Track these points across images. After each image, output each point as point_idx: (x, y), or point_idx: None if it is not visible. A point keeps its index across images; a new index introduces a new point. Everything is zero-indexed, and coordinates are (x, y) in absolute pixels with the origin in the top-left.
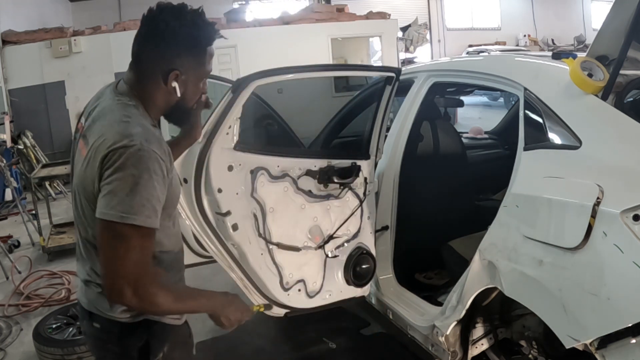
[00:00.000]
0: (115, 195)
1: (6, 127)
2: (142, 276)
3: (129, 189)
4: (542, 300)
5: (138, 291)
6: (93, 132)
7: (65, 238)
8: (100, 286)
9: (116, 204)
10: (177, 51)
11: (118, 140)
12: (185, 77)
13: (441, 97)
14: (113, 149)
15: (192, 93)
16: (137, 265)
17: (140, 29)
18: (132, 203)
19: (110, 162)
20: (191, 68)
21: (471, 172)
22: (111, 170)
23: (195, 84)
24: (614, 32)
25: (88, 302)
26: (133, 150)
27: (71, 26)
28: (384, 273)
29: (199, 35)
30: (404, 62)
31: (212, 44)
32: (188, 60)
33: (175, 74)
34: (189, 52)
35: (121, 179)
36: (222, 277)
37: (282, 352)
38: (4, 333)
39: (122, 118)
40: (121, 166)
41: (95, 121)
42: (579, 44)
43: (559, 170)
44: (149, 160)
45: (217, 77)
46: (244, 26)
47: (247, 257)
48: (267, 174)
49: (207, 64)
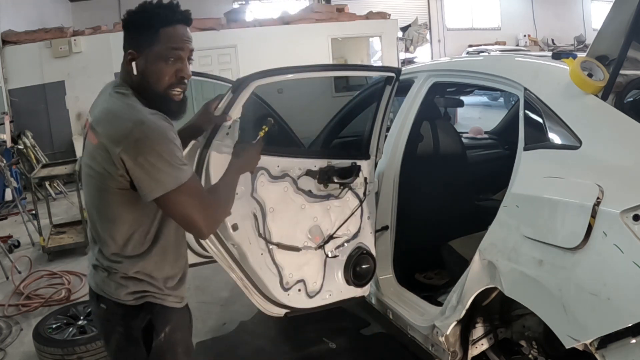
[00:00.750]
0: (162, 171)
1: (6, 127)
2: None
3: (167, 161)
4: (542, 300)
5: (213, 221)
6: (101, 122)
7: (65, 238)
8: (106, 270)
9: (167, 176)
10: (132, 35)
11: (132, 128)
12: (142, 57)
13: (441, 97)
14: (133, 137)
15: (154, 73)
16: (204, 206)
17: None
18: (175, 168)
19: (138, 150)
20: (145, 47)
21: (471, 172)
22: (144, 156)
23: (153, 63)
24: (614, 32)
25: (96, 285)
26: (150, 132)
27: (71, 26)
28: (384, 273)
29: (148, 17)
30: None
31: (167, 25)
32: (141, 41)
33: (130, 54)
34: (140, 33)
35: (158, 158)
36: (222, 277)
37: (282, 352)
38: (4, 333)
39: (124, 106)
40: (151, 149)
41: (101, 112)
42: (579, 44)
43: (559, 170)
44: (166, 132)
45: (217, 77)
46: (244, 26)
47: (247, 257)
48: (267, 174)
49: (162, 44)
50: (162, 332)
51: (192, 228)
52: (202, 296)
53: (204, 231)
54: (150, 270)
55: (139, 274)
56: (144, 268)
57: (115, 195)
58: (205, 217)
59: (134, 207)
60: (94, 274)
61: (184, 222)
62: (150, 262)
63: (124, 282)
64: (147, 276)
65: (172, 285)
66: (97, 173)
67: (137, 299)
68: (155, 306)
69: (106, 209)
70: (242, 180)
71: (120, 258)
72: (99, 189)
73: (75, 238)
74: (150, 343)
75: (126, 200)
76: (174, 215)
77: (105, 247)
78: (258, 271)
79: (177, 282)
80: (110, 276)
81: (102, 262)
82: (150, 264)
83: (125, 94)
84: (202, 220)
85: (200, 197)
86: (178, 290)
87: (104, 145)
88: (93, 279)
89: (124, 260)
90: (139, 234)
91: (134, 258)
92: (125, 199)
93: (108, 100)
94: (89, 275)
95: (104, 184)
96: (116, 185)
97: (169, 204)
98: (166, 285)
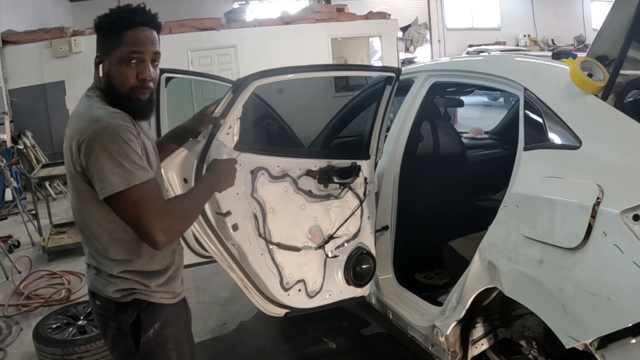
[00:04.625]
0: (110, 171)
1: (6, 127)
2: (163, 219)
3: (117, 161)
4: (542, 300)
5: (167, 231)
6: (68, 126)
7: (65, 238)
8: (96, 269)
9: (116, 176)
10: (99, 38)
11: (88, 126)
12: (108, 60)
13: (441, 97)
14: (87, 136)
15: (117, 76)
16: (157, 213)
17: None
18: (127, 169)
19: (89, 148)
20: (109, 50)
21: (471, 172)
22: (95, 154)
23: (116, 66)
24: (614, 32)
25: (90, 282)
26: (103, 130)
27: (71, 26)
28: (384, 273)
29: (112, 20)
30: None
31: (130, 28)
32: (106, 45)
33: (97, 58)
34: (105, 37)
35: (107, 157)
36: (222, 277)
37: (282, 352)
38: (4, 333)
39: (86, 108)
40: (102, 147)
41: (70, 115)
42: (579, 44)
43: (559, 170)
44: (120, 132)
45: (217, 77)
46: (244, 26)
47: (247, 257)
48: (267, 174)
49: (124, 47)
50: (151, 329)
51: (143, 235)
52: (202, 296)
53: (157, 240)
54: (136, 268)
55: (124, 273)
56: (129, 266)
57: (87, 196)
58: (158, 225)
59: (104, 206)
60: (87, 271)
61: (135, 228)
62: (136, 260)
63: (111, 280)
64: (133, 274)
65: (162, 282)
66: (69, 173)
67: (125, 296)
68: (143, 302)
69: (84, 210)
70: (242, 180)
71: (105, 258)
72: (76, 190)
73: (75, 238)
74: (136, 339)
75: (94, 200)
76: (125, 219)
77: (90, 246)
78: (258, 271)
79: (167, 278)
80: (99, 274)
81: (91, 260)
82: (135, 262)
83: (90, 96)
84: (154, 228)
85: (154, 203)
86: (169, 286)
87: (69, 145)
88: (87, 277)
89: (108, 260)
90: (120, 232)
91: (119, 257)
92: (93, 198)
93: (79, 103)
94: (86, 273)
95: (77, 185)
96: (83, 185)
97: (118, 205)
98: (154, 283)
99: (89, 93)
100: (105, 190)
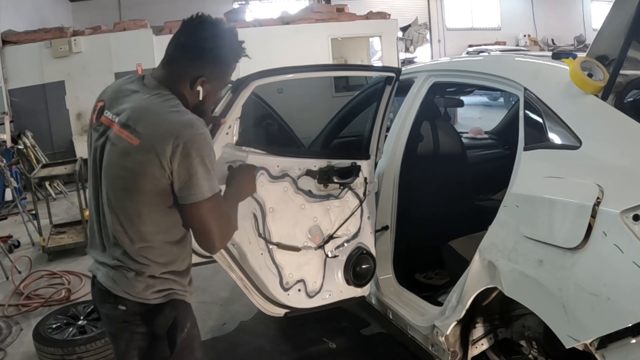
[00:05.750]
0: (203, 178)
1: (6, 127)
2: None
3: (206, 168)
4: (542, 300)
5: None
6: (142, 122)
7: (65, 238)
8: (135, 271)
9: (206, 183)
10: (207, 62)
11: (181, 130)
12: (209, 85)
13: (441, 97)
14: (184, 140)
15: (212, 99)
16: (223, 221)
17: (179, 36)
18: (212, 177)
19: (186, 152)
20: (216, 78)
21: (471, 172)
22: (191, 159)
23: (216, 91)
24: (614, 32)
25: (115, 285)
26: (199, 136)
27: (71, 26)
28: (384, 273)
29: (228, 54)
30: (404, 62)
31: (238, 60)
32: (214, 72)
33: (201, 81)
34: (217, 65)
35: (201, 163)
36: (222, 277)
37: (282, 352)
38: (4, 333)
39: (170, 109)
40: (197, 153)
41: (138, 112)
42: (579, 44)
43: (559, 170)
44: (209, 138)
45: None
46: (244, 26)
47: (247, 257)
48: (267, 174)
49: (229, 76)
50: (185, 330)
51: (206, 240)
52: (202, 296)
53: (217, 245)
54: (174, 268)
55: (166, 273)
56: (171, 267)
57: (153, 198)
58: (221, 232)
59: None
60: (113, 274)
61: (202, 233)
62: (176, 261)
63: (151, 282)
64: (173, 274)
65: (189, 280)
66: (131, 173)
67: (164, 297)
68: (180, 303)
69: (140, 211)
70: None
71: (151, 259)
72: (128, 190)
73: (75, 238)
74: (172, 340)
75: (158, 202)
76: (196, 224)
77: (132, 248)
78: (258, 271)
79: (190, 276)
80: (139, 276)
81: (128, 262)
82: (175, 263)
83: (165, 96)
84: (218, 234)
85: (223, 211)
86: (191, 284)
87: (151, 145)
88: (111, 280)
89: (155, 262)
90: (173, 235)
91: (164, 259)
92: (158, 200)
93: (146, 100)
94: (103, 276)
95: (137, 185)
96: (153, 187)
97: (198, 212)
98: (185, 281)
99: (161, 92)
100: (194, 195)
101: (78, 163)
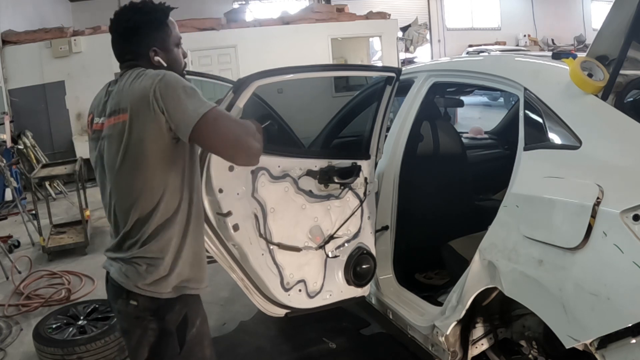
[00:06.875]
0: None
1: (6, 127)
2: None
3: (191, 94)
4: (542, 300)
5: (255, 136)
6: (123, 99)
7: (65, 238)
8: (146, 263)
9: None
10: (146, 33)
11: (153, 80)
12: (163, 51)
13: (441, 97)
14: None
15: (175, 59)
16: (238, 125)
17: (113, 32)
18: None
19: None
20: (163, 40)
21: (471, 172)
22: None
23: (172, 50)
24: (614, 32)
25: (128, 280)
26: (168, 76)
27: (71, 26)
28: (384, 273)
29: (156, 16)
30: (404, 62)
31: (169, 16)
32: (157, 36)
33: (154, 51)
34: (155, 29)
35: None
36: (222, 277)
37: (282, 352)
38: (4, 333)
39: (139, 74)
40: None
41: (118, 96)
42: (579, 44)
43: (559, 170)
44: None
45: (217, 77)
46: (244, 26)
47: (247, 258)
48: (267, 174)
49: (173, 32)
50: (195, 326)
51: (241, 148)
52: (202, 296)
53: (251, 144)
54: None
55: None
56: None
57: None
58: (243, 130)
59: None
60: (126, 269)
61: (231, 143)
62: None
63: (163, 274)
64: (184, 268)
65: (203, 274)
66: (135, 144)
67: (176, 291)
68: (191, 298)
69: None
70: (243, 180)
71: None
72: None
73: (75, 238)
74: (182, 337)
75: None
76: (214, 138)
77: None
78: (259, 271)
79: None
80: (148, 269)
81: (139, 255)
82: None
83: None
84: (248, 137)
85: (231, 117)
86: (205, 281)
87: (138, 107)
88: (124, 275)
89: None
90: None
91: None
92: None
93: (127, 78)
94: (116, 272)
95: (143, 151)
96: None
97: (209, 128)
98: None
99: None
100: (191, 117)
101: (78, 163)
